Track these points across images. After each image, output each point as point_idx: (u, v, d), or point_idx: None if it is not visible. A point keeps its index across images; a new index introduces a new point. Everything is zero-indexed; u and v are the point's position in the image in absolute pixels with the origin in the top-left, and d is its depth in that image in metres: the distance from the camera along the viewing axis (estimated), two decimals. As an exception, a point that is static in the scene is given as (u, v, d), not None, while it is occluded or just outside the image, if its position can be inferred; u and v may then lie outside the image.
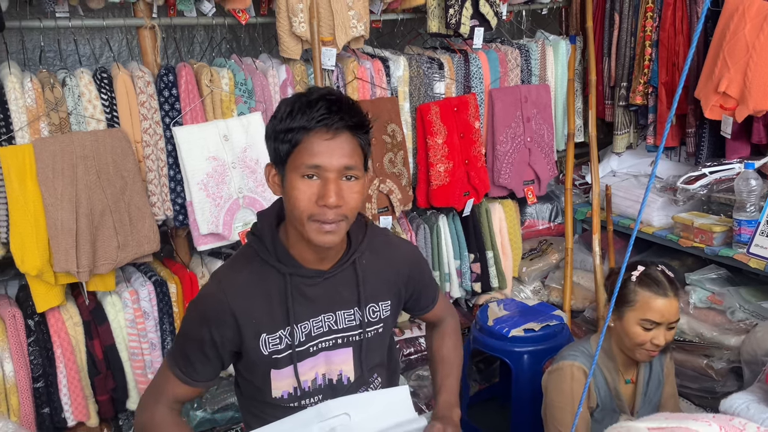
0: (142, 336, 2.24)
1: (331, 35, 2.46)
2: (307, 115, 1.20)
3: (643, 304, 1.75)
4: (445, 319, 1.64)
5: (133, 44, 2.66)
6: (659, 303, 1.75)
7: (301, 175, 1.22)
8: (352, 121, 1.23)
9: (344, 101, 1.25)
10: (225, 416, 2.48)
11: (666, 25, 2.86)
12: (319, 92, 1.24)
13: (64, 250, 2.02)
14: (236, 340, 1.33)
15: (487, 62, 2.89)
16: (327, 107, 1.21)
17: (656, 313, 1.74)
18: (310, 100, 1.22)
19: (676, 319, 1.77)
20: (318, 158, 1.21)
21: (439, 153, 2.70)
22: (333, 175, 1.22)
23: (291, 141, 1.22)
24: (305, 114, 1.20)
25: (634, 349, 1.79)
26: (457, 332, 1.64)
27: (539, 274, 3.24)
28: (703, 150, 2.90)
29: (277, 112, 1.25)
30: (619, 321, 1.81)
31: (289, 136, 1.22)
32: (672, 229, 2.86)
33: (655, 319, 1.74)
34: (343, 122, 1.22)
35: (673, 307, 1.75)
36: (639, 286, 1.77)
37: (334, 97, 1.24)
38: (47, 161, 2.00)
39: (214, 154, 2.24)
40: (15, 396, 2.07)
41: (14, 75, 1.99)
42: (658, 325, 1.75)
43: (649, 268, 1.80)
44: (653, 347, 1.76)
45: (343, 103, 1.24)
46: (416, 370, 2.84)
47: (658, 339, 1.75)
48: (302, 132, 1.21)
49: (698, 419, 1.00)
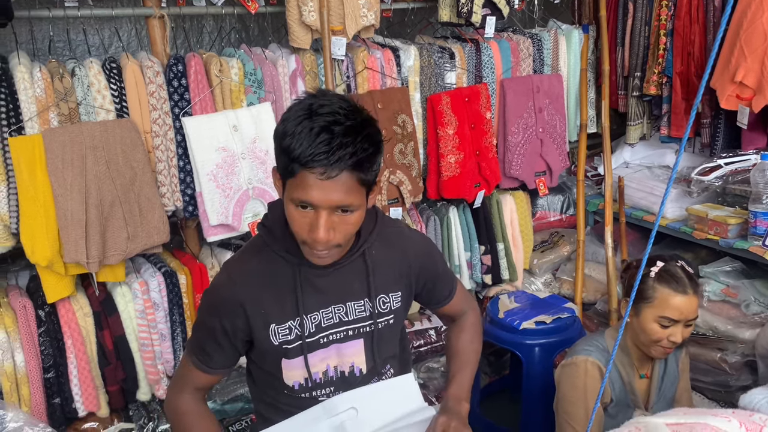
0: (152, 327, 2.24)
1: (341, 24, 2.44)
2: (305, 147, 1.10)
3: (662, 302, 1.71)
4: (465, 312, 1.60)
5: (142, 34, 2.64)
6: (678, 300, 1.70)
7: (295, 204, 1.17)
8: (351, 162, 1.11)
9: (351, 131, 1.12)
10: (235, 407, 2.48)
11: (681, 14, 2.82)
12: (324, 118, 1.11)
13: (73, 240, 2.01)
14: (246, 330, 1.34)
15: (499, 52, 2.85)
16: (328, 143, 1.09)
17: (675, 310, 1.70)
18: (312, 128, 1.10)
19: (694, 316, 1.72)
20: (310, 196, 1.13)
21: (449, 144, 2.68)
22: (325, 211, 1.15)
23: (287, 168, 1.14)
24: (302, 144, 1.10)
25: (650, 345, 1.75)
26: (475, 326, 1.60)
27: (550, 266, 3.22)
28: (718, 141, 2.85)
29: (285, 122, 1.15)
30: (636, 317, 1.77)
31: (285, 160, 1.14)
32: (686, 221, 2.82)
33: (674, 316, 1.70)
34: (340, 164, 1.11)
35: (693, 304, 1.71)
36: (658, 282, 1.73)
37: (340, 127, 1.11)
38: (57, 151, 1.99)
39: (224, 144, 2.23)
40: (26, 386, 2.08)
41: (23, 65, 1.98)
42: (676, 323, 1.71)
43: (668, 264, 1.75)
44: (669, 344, 1.72)
45: (348, 136, 1.11)
46: (426, 362, 2.83)
47: (675, 336, 1.71)
48: (297, 165, 1.12)
49: (718, 415, 0.98)
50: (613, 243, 3.04)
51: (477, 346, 1.59)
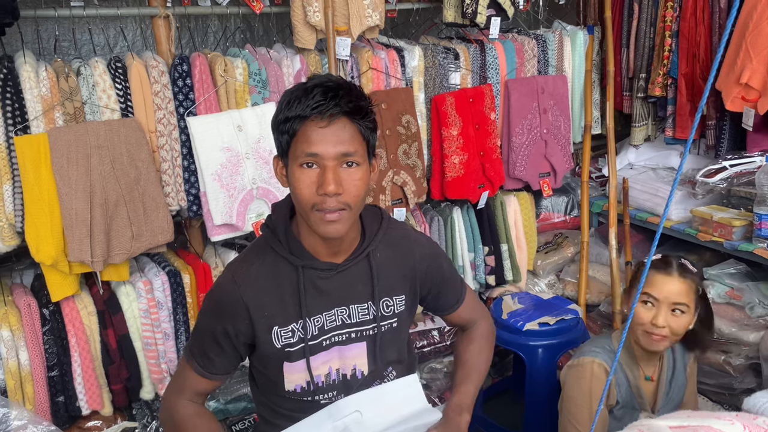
0: (156, 326, 2.25)
1: (345, 25, 2.44)
2: (303, 104, 1.19)
3: (647, 281, 1.74)
4: (476, 322, 1.58)
5: (147, 34, 2.65)
6: (660, 278, 1.72)
7: (300, 164, 1.20)
8: (348, 107, 1.20)
9: (343, 86, 1.22)
10: (238, 407, 2.48)
11: (687, 15, 2.81)
12: (317, 79, 1.22)
13: (78, 239, 2.02)
14: (249, 333, 1.33)
15: (504, 53, 2.85)
16: (322, 94, 1.18)
17: (656, 288, 1.71)
18: (306, 88, 1.20)
19: (679, 300, 1.71)
20: (314, 146, 1.19)
21: (453, 144, 2.68)
22: (331, 163, 1.19)
23: (289, 131, 1.21)
24: (301, 102, 1.19)
25: (638, 333, 1.75)
26: (486, 338, 1.58)
27: (554, 268, 3.21)
28: (723, 142, 2.85)
29: (279, 104, 1.24)
30: (628, 306, 1.86)
31: (287, 126, 1.21)
32: (690, 223, 2.82)
33: (654, 293, 1.71)
34: (338, 108, 1.19)
35: (676, 286, 1.71)
36: (651, 268, 1.77)
37: (332, 83, 1.21)
38: (62, 151, 2.00)
39: (228, 144, 2.23)
40: (30, 384, 2.09)
41: (29, 64, 1.99)
42: (658, 302, 1.71)
43: (667, 256, 1.80)
44: (653, 329, 1.71)
45: (340, 89, 1.20)
46: (429, 362, 2.83)
47: (658, 319, 1.70)
48: (298, 121, 1.20)
49: (721, 418, 0.97)
50: (617, 244, 3.03)
51: (486, 356, 1.56)
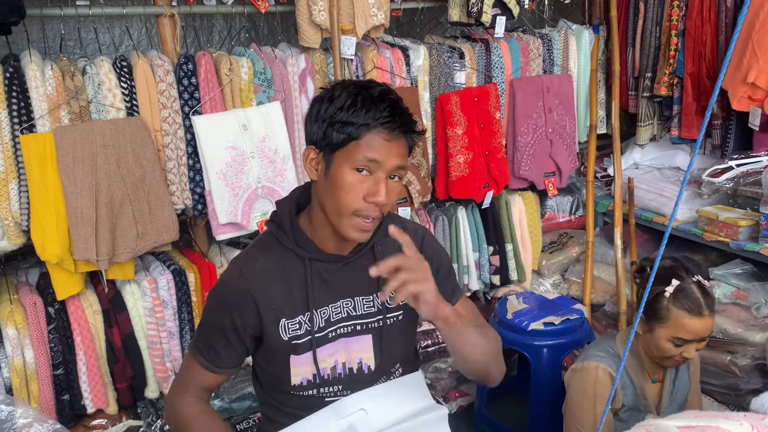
0: (161, 325, 2.25)
1: (350, 24, 2.43)
2: (372, 113, 1.22)
3: (676, 323, 1.66)
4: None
5: (153, 32, 2.65)
6: (693, 323, 1.65)
7: (356, 167, 1.23)
8: (409, 128, 1.27)
9: (403, 104, 1.28)
10: (242, 405, 2.49)
11: (693, 15, 2.80)
12: (379, 88, 1.26)
13: (83, 238, 2.02)
14: (257, 325, 1.34)
15: (509, 52, 2.85)
16: (391, 109, 1.23)
17: (689, 332, 1.66)
18: (374, 97, 1.24)
19: (709, 334, 1.69)
20: (377, 154, 1.23)
21: (458, 144, 2.67)
22: (384, 174, 1.24)
23: (350, 134, 1.23)
24: (369, 111, 1.22)
25: (662, 359, 1.74)
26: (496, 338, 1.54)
27: (559, 268, 3.20)
28: (729, 142, 2.83)
29: (334, 99, 1.25)
30: (650, 333, 1.73)
31: (348, 129, 1.23)
32: (696, 223, 2.80)
33: (688, 338, 1.67)
34: (404, 127, 1.25)
35: (707, 325, 1.66)
36: (673, 303, 1.67)
37: (395, 97, 1.27)
38: (68, 149, 2.00)
39: (233, 143, 2.23)
40: (36, 383, 2.09)
41: (35, 63, 1.99)
42: (690, 342, 1.68)
43: (684, 282, 1.69)
44: (682, 359, 1.71)
45: (402, 106, 1.27)
46: (433, 362, 2.83)
47: (689, 353, 1.68)
48: (364, 128, 1.22)
49: (729, 418, 0.97)
50: (622, 244, 3.02)
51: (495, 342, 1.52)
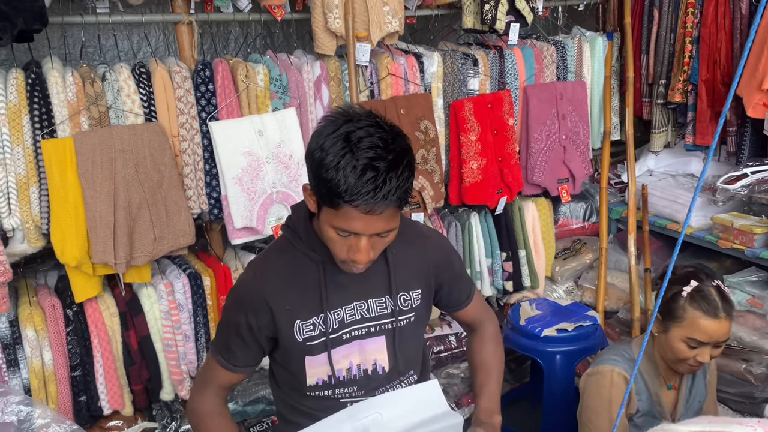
0: (176, 328, 2.27)
1: (365, 31, 2.46)
2: (351, 188, 1.11)
3: (691, 323, 1.66)
4: (483, 322, 1.61)
5: (171, 39, 2.69)
6: (708, 324, 1.64)
7: (335, 230, 1.21)
8: (395, 197, 1.15)
9: (393, 167, 1.14)
10: (256, 409, 2.50)
11: (707, 21, 2.79)
12: (366, 154, 1.12)
13: (102, 242, 2.05)
14: (272, 327, 1.37)
15: (522, 59, 2.86)
16: (373, 181, 1.11)
17: (703, 333, 1.65)
18: (356, 166, 1.11)
19: (725, 339, 1.67)
20: (353, 227, 1.18)
21: (472, 150, 2.68)
22: (366, 238, 1.21)
23: (330, 200, 1.16)
24: (348, 183, 1.11)
25: (676, 362, 1.72)
26: (497, 338, 1.61)
27: (572, 274, 3.20)
28: (744, 149, 2.82)
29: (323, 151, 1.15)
30: (664, 334, 1.72)
31: (326, 193, 1.15)
32: (710, 230, 2.79)
33: (702, 339, 1.65)
34: (385, 201, 1.14)
35: (723, 328, 1.65)
36: (689, 303, 1.67)
37: (383, 163, 1.13)
38: (87, 154, 2.03)
39: (249, 149, 2.26)
40: (53, 384, 2.12)
41: (56, 70, 2.03)
42: (704, 345, 1.66)
43: (703, 284, 1.68)
44: (696, 363, 1.69)
45: (390, 171, 1.13)
46: (446, 367, 2.83)
47: (703, 357, 1.67)
48: (341, 200, 1.14)
49: (743, 424, 0.97)
50: (636, 251, 3.02)
51: (500, 355, 1.60)
